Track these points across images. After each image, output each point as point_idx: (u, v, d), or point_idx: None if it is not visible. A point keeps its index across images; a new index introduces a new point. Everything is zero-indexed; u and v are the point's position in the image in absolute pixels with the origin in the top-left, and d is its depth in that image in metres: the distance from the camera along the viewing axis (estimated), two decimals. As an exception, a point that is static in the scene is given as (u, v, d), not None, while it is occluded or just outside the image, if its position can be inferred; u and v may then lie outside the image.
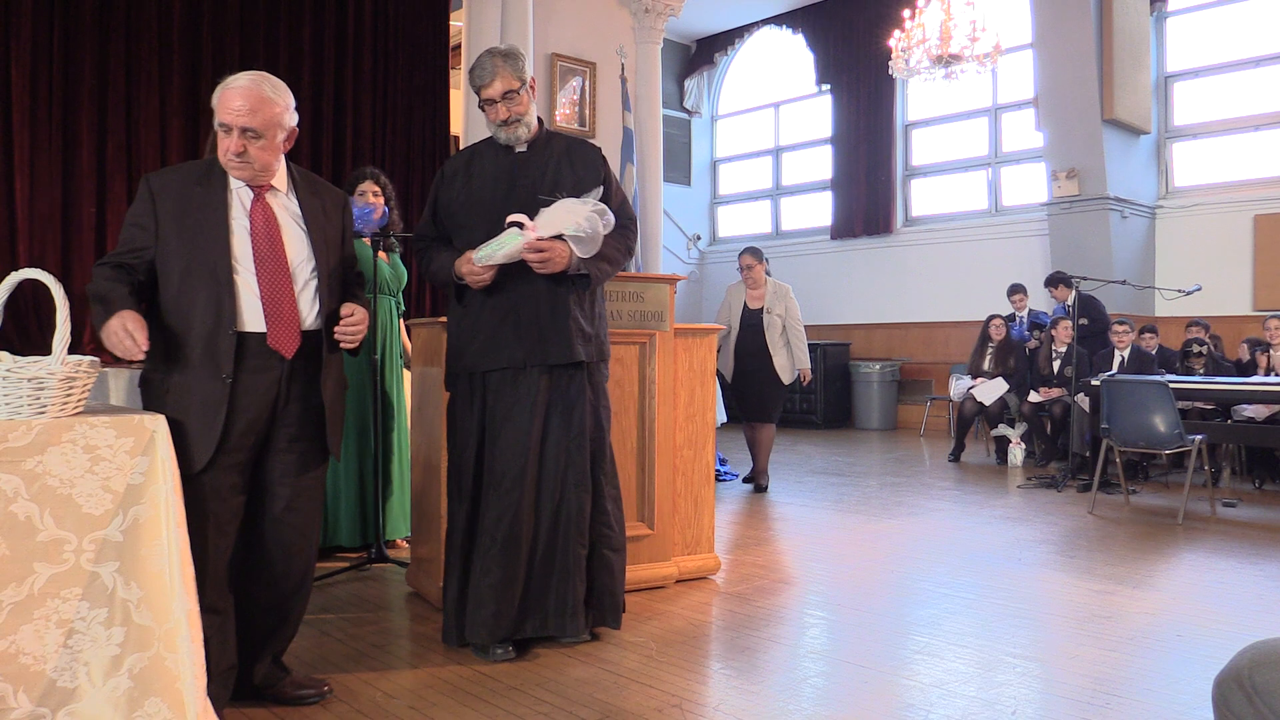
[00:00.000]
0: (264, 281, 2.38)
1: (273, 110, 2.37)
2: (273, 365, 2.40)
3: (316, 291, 2.48)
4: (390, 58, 5.78)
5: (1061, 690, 2.73)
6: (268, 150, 2.39)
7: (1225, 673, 1.35)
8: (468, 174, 3.11)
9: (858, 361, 10.99)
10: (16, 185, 4.49)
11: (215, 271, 2.34)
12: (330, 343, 2.50)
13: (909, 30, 8.25)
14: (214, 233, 2.36)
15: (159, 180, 2.42)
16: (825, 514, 5.58)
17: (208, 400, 2.31)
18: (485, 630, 2.95)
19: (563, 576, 3.02)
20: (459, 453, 3.06)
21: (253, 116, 2.34)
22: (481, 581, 2.96)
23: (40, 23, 4.53)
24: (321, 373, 2.49)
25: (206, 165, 2.45)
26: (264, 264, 2.39)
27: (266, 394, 2.40)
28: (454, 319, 3.10)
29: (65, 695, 2.03)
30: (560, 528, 3.02)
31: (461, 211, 3.07)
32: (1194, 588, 3.93)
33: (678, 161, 12.71)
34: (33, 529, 2.01)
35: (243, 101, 2.34)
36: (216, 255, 2.34)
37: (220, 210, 2.38)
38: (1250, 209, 8.90)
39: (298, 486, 2.49)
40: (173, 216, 2.36)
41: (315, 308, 2.48)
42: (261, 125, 2.35)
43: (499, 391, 2.99)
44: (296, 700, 2.58)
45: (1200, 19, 9.46)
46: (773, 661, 3.01)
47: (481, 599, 2.95)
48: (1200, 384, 6.28)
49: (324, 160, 5.37)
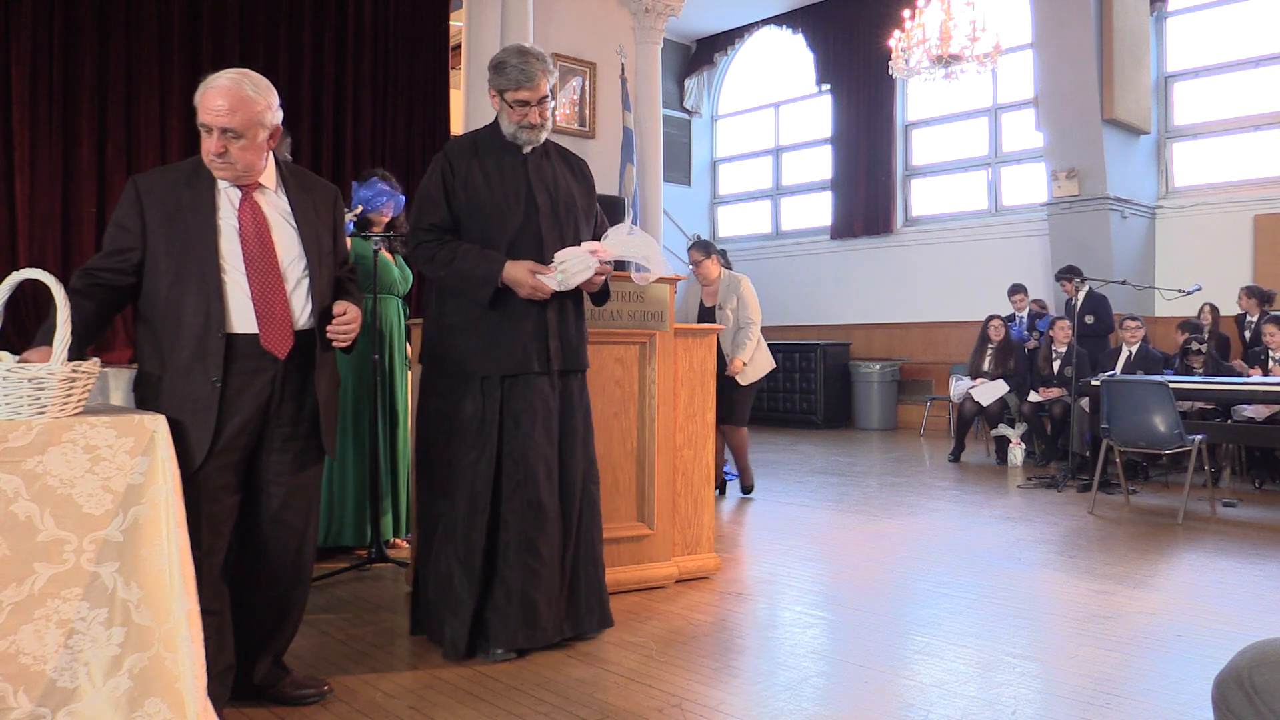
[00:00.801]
0: (254, 282, 2.36)
1: (253, 110, 2.33)
2: (266, 366, 2.38)
3: (309, 290, 2.46)
4: (390, 58, 5.78)
5: (1061, 690, 2.73)
6: (249, 150, 2.34)
7: (1225, 673, 1.35)
8: (480, 170, 3.01)
9: (858, 361, 10.99)
10: (16, 185, 4.49)
11: (204, 273, 2.31)
12: (324, 341, 2.48)
13: (909, 30, 8.25)
14: (202, 234, 2.34)
15: (146, 182, 2.39)
16: (825, 514, 5.58)
17: (199, 403, 2.30)
18: (529, 635, 2.98)
19: (590, 575, 3.14)
20: (470, 456, 2.96)
21: (232, 117, 2.30)
22: (523, 587, 2.96)
23: (40, 23, 4.53)
24: (315, 372, 2.47)
25: (194, 165, 2.41)
26: (254, 264, 2.36)
27: (259, 395, 2.38)
28: (464, 320, 2.98)
29: (65, 695, 2.03)
30: (584, 527, 3.12)
31: (478, 213, 2.99)
32: (1194, 588, 3.93)
33: (678, 161, 12.70)
34: (33, 529, 2.01)
35: (223, 101, 2.29)
36: (205, 257, 2.32)
37: (208, 211, 2.36)
38: (1250, 209, 8.90)
39: (293, 485, 2.48)
40: (161, 218, 2.33)
41: (308, 307, 2.46)
42: (241, 125, 2.31)
43: (519, 396, 2.97)
44: (296, 700, 2.58)
45: (1200, 19, 9.46)
46: (773, 661, 3.01)
47: (521, 604, 2.95)
48: (1200, 384, 6.28)
49: (324, 160, 5.37)
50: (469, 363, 2.97)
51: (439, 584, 3.02)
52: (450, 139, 3.16)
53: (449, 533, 2.99)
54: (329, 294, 2.53)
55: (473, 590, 2.95)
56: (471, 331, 2.98)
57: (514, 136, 3.03)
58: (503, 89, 3.00)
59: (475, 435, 2.96)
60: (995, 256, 10.26)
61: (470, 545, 2.95)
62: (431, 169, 3.06)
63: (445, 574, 3.00)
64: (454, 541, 2.97)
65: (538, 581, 2.98)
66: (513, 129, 3.02)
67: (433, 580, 3.05)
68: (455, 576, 2.97)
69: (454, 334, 3.00)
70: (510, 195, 3.01)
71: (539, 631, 2.99)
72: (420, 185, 3.07)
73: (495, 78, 3.01)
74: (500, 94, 3.01)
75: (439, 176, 3.01)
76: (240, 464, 2.40)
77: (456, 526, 2.97)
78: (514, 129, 3.02)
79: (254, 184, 2.42)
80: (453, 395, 3.01)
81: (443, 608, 3.00)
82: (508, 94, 2.98)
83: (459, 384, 3.00)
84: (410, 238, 3.05)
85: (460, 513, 2.96)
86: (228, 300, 2.34)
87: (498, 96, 3.03)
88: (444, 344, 3.03)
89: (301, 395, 2.46)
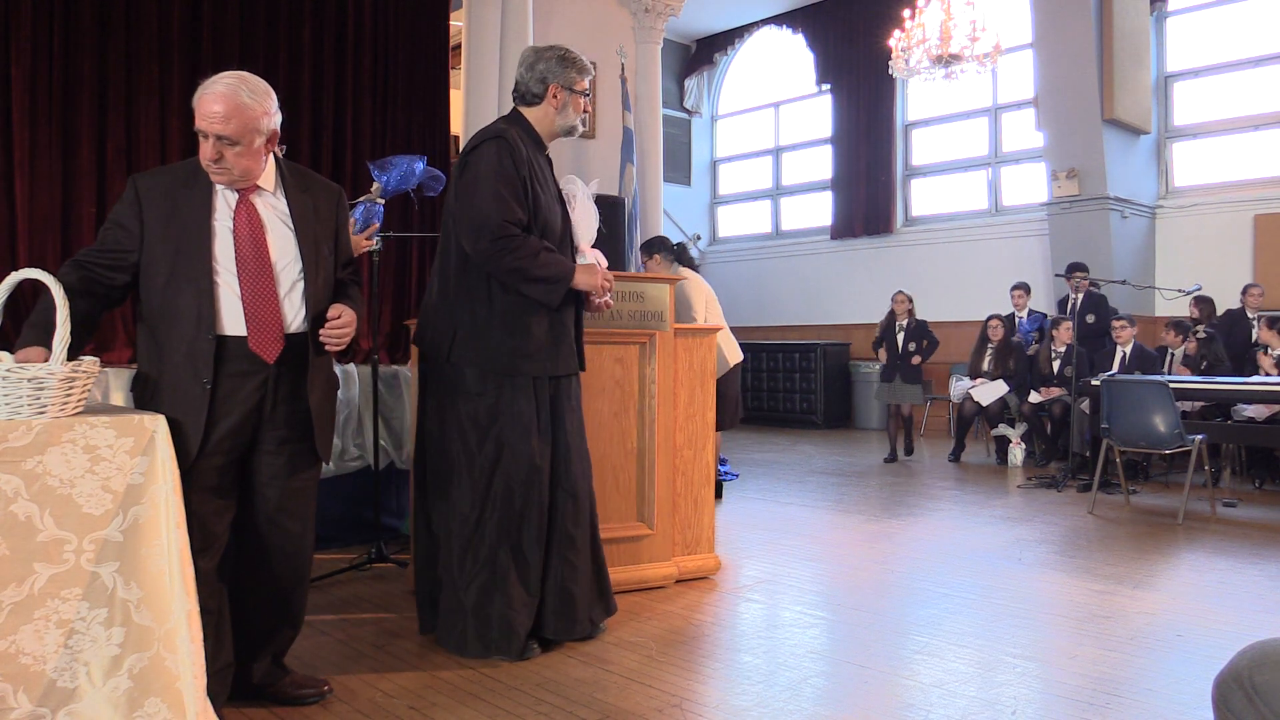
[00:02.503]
0: (246, 285, 2.34)
1: (248, 116, 2.29)
2: (257, 369, 2.37)
3: (303, 294, 2.43)
4: (390, 58, 5.76)
5: (1061, 690, 2.73)
6: (245, 156, 2.32)
7: (1225, 673, 1.35)
8: (533, 165, 3.01)
9: (858, 361, 10.98)
10: (16, 185, 4.48)
11: (197, 275, 2.31)
12: (317, 345, 2.46)
13: (909, 30, 8.24)
14: (196, 236, 2.33)
15: (146, 182, 2.38)
16: (825, 514, 5.57)
17: (189, 404, 2.29)
18: (567, 628, 3.04)
19: (601, 561, 3.23)
20: (524, 453, 2.94)
21: (226, 124, 2.26)
22: (564, 581, 3.03)
23: (40, 23, 4.53)
24: (308, 375, 2.45)
25: (193, 166, 2.40)
26: (246, 267, 2.35)
27: (249, 398, 2.37)
28: (519, 322, 2.94)
29: (65, 695, 2.03)
30: (593, 522, 3.21)
31: (537, 212, 2.98)
32: (1194, 588, 3.93)
33: (678, 161, 12.70)
34: (33, 529, 2.01)
35: (219, 107, 2.27)
36: (198, 259, 2.32)
37: (204, 213, 2.35)
38: (1250, 209, 8.90)
39: (288, 489, 2.47)
40: (159, 219, 2.33)
41: (301, 310, 2.43)
42: (236, 132, 2.28)
43: (562, 394, 3.07)
44: (296, 700, 2.58)
45: (1200, 19, 9.46)
46: (773, 661, 3.01)
47: (559, 596, 3.03)
48: (1200, 384, 6.28)
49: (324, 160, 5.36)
50: (525, 364, 2.96)
51: (489, 583, 2.94)
52: (493, 128, 3.06)
53: (504, 530, 2.95)
54: (326, 297, 2.50)
55: (536, 585, 3.00)
56: (527, 333, 2.96)
57: (576, 128, 3.11)
58: (572, 81, 3.06)
59: (535, 433, 2.97)
60: (995, 256, 10.26)
61: (531, 540, 2.98)
62: (497, 157, 2.92)
63: (498, 573, 2.94)
64: (509, 538, 2.95)
65: (575, 575, 3.07)
66: (576, 120, 3.10)
67: (476, 582, 2.95)
68: (515, 572, 2.95)
69: (505, 334, 2.95)
70: (552, 196, 3.07)
71: (576, 624, 3.08)
72: (485, 169, 2.90)
73: (564, 71, 3.04)
74: (568, 87, 3.06)
75: (510, 167, 2.91)
76: (232, 465, 2.39)
77: (510, 523, 2.95)
78: (577, 119, 3.10)
79: (252, 186, 2.40)
80: (494, 395, 2.96)
81: (492, 605, 2.94)
82: (578, 83, 3.07)
83: (506, 383, 2.96)
84: (496, 228, 2.86)
85: (515, 509, 2.95)
86: (219, 302, 2.32)
87: (562, 90, 3.05)
88: (490, 345, 2.94)
89: (295, 399, 2.44)
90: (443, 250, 3.06)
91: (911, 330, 8.14)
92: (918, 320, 8.25)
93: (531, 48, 3.13)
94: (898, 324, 8.22)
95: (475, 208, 2.88)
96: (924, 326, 8.21)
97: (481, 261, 2.90)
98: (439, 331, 3.01)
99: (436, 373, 3.04)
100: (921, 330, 8.16)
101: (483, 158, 2.93)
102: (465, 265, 2.96)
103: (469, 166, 2.95)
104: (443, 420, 3.03)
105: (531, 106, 3.09)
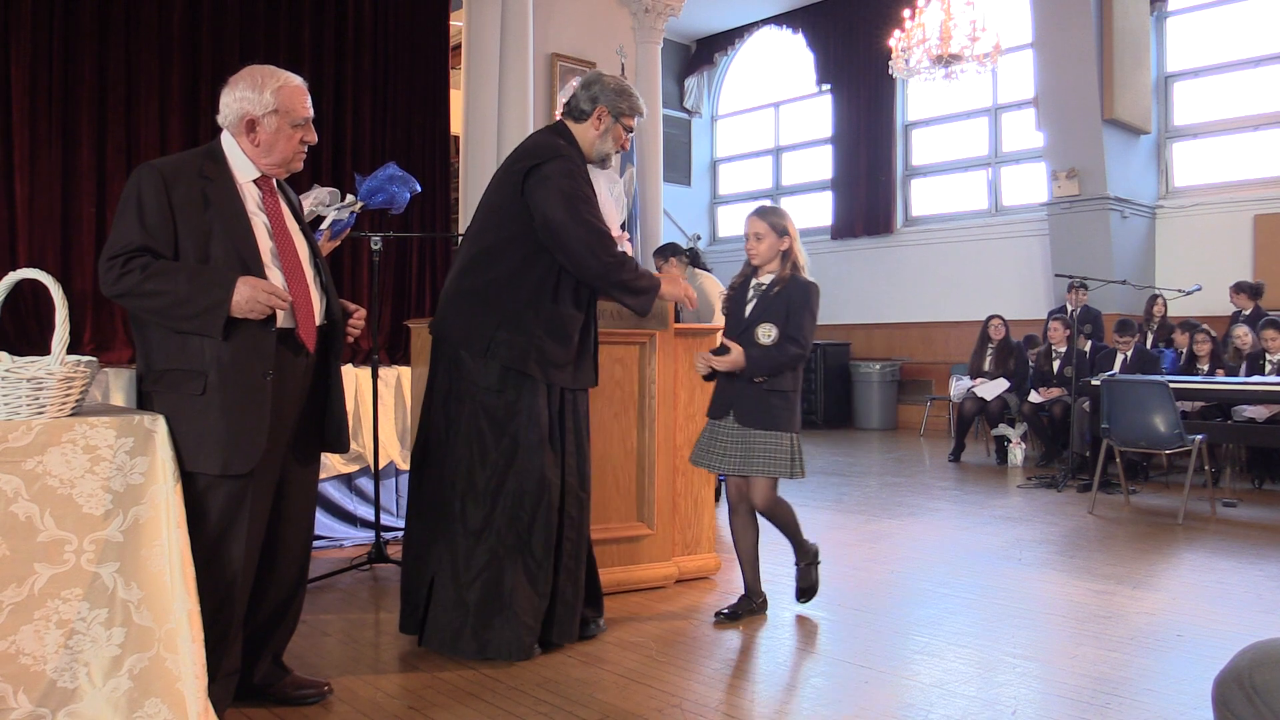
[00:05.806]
0: (289, 275, 2.36)
1: None
2: (300, 359, 2.39)
3: (321, 285, 2.48)
4: (390, 58, 5.77)
5: (1061, 690, 2.73)
6: None
7: (1225, 673, 1.35)
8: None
9: (858, 361, 10.98)
10: (16, 185, 4.48)
11: (249, 268, 2.26)
12: (331, 339, 2.49)
13: (909, 30, 8.24)
14: (239, 228, 2.30)
15: (170, 169, 2.30)
16: (825, 514, 5.57)
17: (251, 399, 2.25)
18: (567, 631, 3.06)
19: (592, 568, 3.24)
20: (538, 459, 2.93)
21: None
22: (568, 586, 3.05)
23: (40, 23, 4.53)
24: (333, 365, 2.49)
25: (199, 157, 2.35)
26: (287, 258, 2.36)
27: (298, 388, 2.40)
28: (563, 334, 2.97)
29: (65, 696, 2.03)
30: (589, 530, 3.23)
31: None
32: (1194, 588, 3.93)
33: (678, 161, 12.70)
34: (33, 529, 2.01)
35: (309, 97, 2.43)
36: (246, 251, 2.29)
37: (239, 204, 2.33)
38: (1250, 209, 8.90)
39: (302, 481, 2.50)
40: (187, 207, 2.26)
41: (323, 301, 2.48)
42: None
43: (577, 403, 3.10)
44: (296, 700, 2.58)
45: (1200, 19, 9.46)
46: (773, 661, 3.01)
47: (570, 603, 3.05)
48: (1200, 384, 6.28)
49: (324, 160, 5.36)
50: (555, 373, 2.96)
51: (495, 581, 2.90)
52: (550, 144, 3.06)
53: (514, 529, 2.92)
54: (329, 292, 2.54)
55: (546, 588, 2.98)
56: (567, 343, 2.99)
57: (606, 157, 3.17)
58: (620, 110, 3.13)
59: (551, 440, 2.98)
60: (995, 256, 10.26)
61: (540, 543, 2.96)
62: (579, 173, 3.02)
63: (506, 572, 2.91)
64: (519, 537, 2.93)
65: (575, 580, 3.09)
66: (612, 149, 3.16)
67: (481, 578, 2.90)
68: (524, 574, 2.93)
69: (551, 342, 2.95)
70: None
71: (574, 627, 3.10)
72: (579, 189, 2.98)
73: (616, 99, 3.11)
74: (615, 114, 3.12)
75: (585, 185, 3.03)
76: (279, 462, 2.39)
77: (521, 523, 2.93)
78: (613, 150, 3.17)
79: (271, 181, 2.43)
80: (514, 393, 2.93)
81: (497, 604, 2.90)
82: (627, 119, 3.14)
83: (526, 384, 2.94)
84: (609, 247, 2.97)
85: (526, 509, 2.93)
86: None
87: (608, 115, 3.11)
88: (531, 348, 2.93)
89: (314, 391, 2.48)
90: (487, 248, 2.99)
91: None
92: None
93: (597, 72, 3.26)
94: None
95: (585, 226, 2.93)
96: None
97: (590, 277, 2.97)
98: (478, 325, 2.93)
99: (453, 363, 2.98)
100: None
101: (567, 173, 2.97)
102: (526, 269, 2.94)
103: (550, 180, 2.93)
104: (452, 412, 2.97)
105: (578, 122, 3.13)
